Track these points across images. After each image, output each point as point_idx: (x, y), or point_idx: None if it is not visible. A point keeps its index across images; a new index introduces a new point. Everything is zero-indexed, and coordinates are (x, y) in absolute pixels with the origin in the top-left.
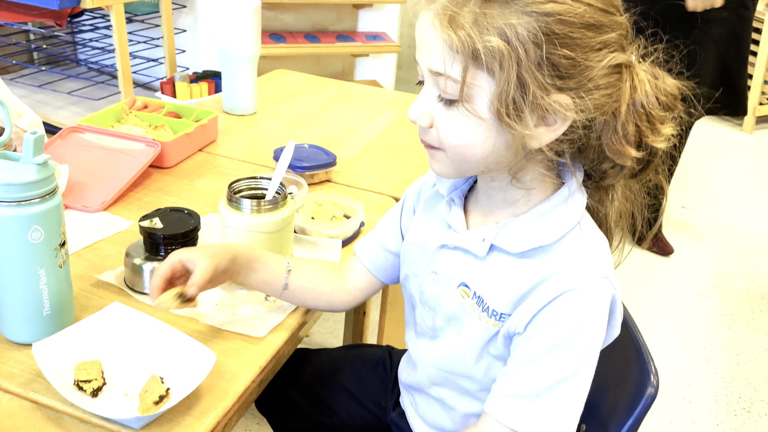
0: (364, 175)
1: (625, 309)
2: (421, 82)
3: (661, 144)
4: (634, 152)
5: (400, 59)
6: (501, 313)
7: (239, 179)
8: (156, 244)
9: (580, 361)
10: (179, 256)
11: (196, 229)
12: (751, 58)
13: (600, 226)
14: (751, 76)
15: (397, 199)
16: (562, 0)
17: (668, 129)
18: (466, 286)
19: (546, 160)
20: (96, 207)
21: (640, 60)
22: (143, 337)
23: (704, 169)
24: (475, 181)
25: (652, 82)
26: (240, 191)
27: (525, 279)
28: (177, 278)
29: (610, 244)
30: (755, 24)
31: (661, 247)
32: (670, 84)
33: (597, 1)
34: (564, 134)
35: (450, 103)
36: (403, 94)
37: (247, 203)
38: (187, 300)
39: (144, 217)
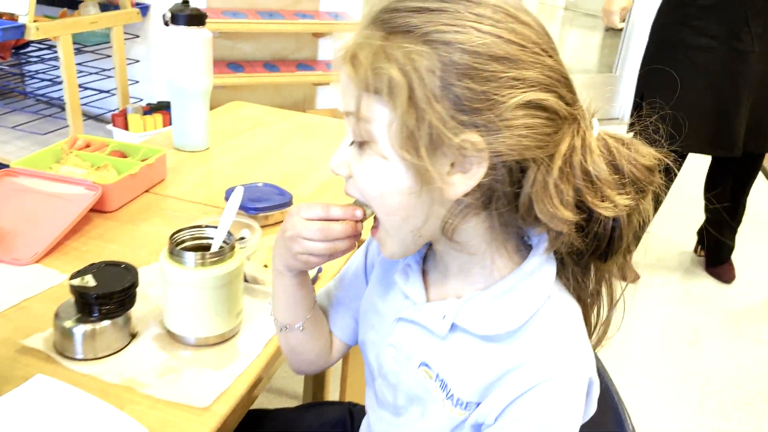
0: None
1: (597, 358)
2: None
3: (607, 211)
4: (569, 214)
5: None
6: (467, 402)
7: (182, 229)
8: (88, 305)
9: None
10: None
11: (134, 285)
12: None
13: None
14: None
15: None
16: (466, 30)
17: (623, 200)
18: (428, 366)
19: (484, 224)
20: (27, 260)
21: (591, 126)
22: (70, 413)
23: (669, 194)
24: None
25: (614, 147)
26: (182, 242)
27: (492, 365)
28: None
29: (587, 318)
30: None
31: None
32: (646, 154)
33: (511, 35)
34: (485, 182)
35: (360, 147)
36: None
37: (190, 256)
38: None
39: (75, 274)
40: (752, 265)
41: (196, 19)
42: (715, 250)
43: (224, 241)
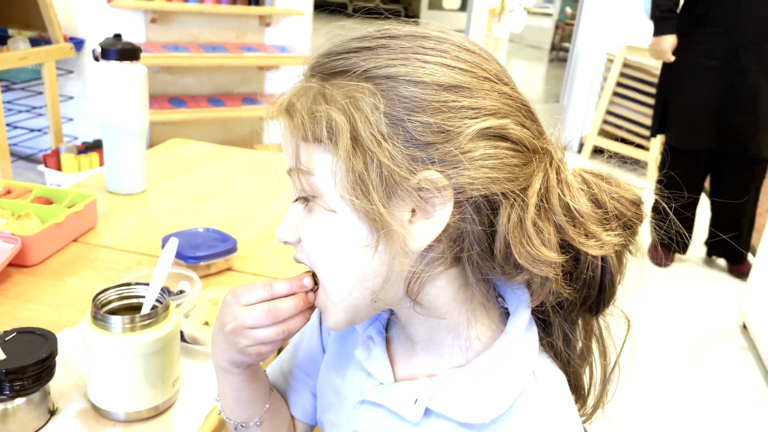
0: (270, 260)
1: None
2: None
3: (594, 250)
4: (553, 255)
5: None
6: None
7: (107, 288)
8: None
9: None
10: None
11: (52, 355)
12: (646, 110)
13: (565, 358)
14: (650, 127)
15: None
16: (410, 63)
17: (611, 238)
18: None
19: (455, 283)
20: None
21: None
22: None
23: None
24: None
25: (593, 182)
26: (108, 303)
27: None
28: None
29: (578, 380)
30: (651, 73)
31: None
32: (626, 188)
33: (459, 63)
34: (453, 229)
35: (307, 205)
36: None
37: (116, 320)
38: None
39: None
40: (712, 294)
41: (130, 53)
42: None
43: (157, 300)
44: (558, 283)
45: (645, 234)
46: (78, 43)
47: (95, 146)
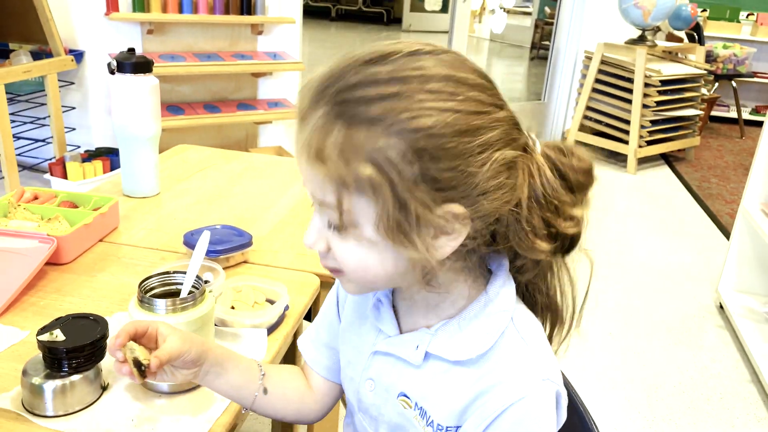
0: (282, 252)
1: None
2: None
3: (572, 229)
4: (545, 245)
5: None
6: (447, 427)
7: (150, 276)
8: (58, 360)
9: None
10: (149, 323)
11: (104, 337)
12: (624, 105)
13: (540, 307)
14: (628, 122)
15: (320, 276)
16: (428, 113)
17: (579, 210)
18: (406, 396)
19: (457, 263)
20: None
21: (535, 142)
22: None
23: (597, 211)
24: None
25: (558, 161)
26: (151, 290)
27: (466, 389)
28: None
29: (557, 318)
30: (627, 69)
31: None
32: (580, 157)
33: (467, 105)
34: (467, 238)
35: (339, 229)
36: None
37: (161, 303)
38: (141, 372)
39: (43, 329)
40: (690, 276)
41: (143, 66)
42: None
43: (193, 286)
44: (548, 261)
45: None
46: (78, 55)
47: (98, 154)
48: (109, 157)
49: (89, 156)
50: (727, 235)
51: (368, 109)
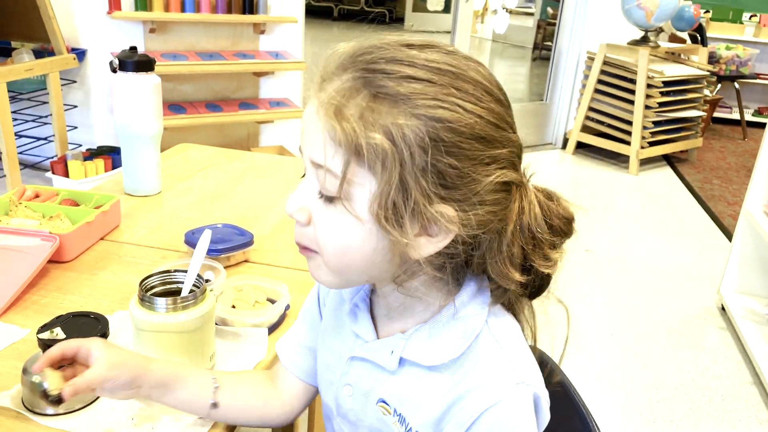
0: (283, 252)
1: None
2: (305, 176)
3: (546, 269)
4: (518, 276)
5: None
6: None
7: (151, 275)
8: None
9: None
10: (80, 344)
11: (104, 336)
12: (627, 106)
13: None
14: (630, 123)
15: None
16: (453, 108)
17: (555, 254)
18: (385, 402)
19: (430, 274)
20: None
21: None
22: None
23: (599, 212)
24: None
25: (544, 204)
26: (152, 288)
27: (442, 396)
28: (64, 362)
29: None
30: (630, 70)
31: None
32: (565, 207)
33: (489, 115)
34: (446, 248)
35: (329, 199)
36: None
37: (161, 302)
38: (54, 401)
39: (43, 327)
40: (691, 277)
41: (145, 65)
42: None
43: (194, 285)
44: (515, 291)
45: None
46: (80, 54)
47: (100, 153)
48: (110, 155)
49: (91, 154)
50: (728, 236)
51: (397, 85)
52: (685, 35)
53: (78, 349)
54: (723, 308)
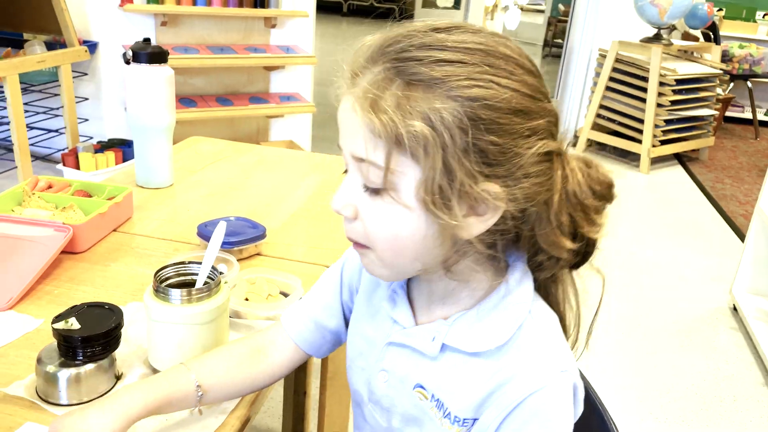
0: (295, 245)
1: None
2: (347, 171)
3: (596, 234)
4: (569, 243)
5: (315, 119)
6: (464, 419)
7: (165, 266)
8: (73, 348)
9: None
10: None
11: (119, 326)
12: (638, 104)
13: (551, 306)
14: (642, 121)
15: None
16: (488, 85)
17: (600, 219)
18: (423, 387)
19: (481, 251)
20: (2, 305)
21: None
22: None
23: (610, 210)
24: None
25: (584, 171)
26: (167, 279)
27: (484, 381)
28: None
29: (563, 324)
30: (642, 68)
31: None
32: (604, 173)
33: (524, 87)
34: (495, 225)
35: (375, 192)
36: (327, 157)
37: (176, 293)
38: None
39: (58, 318)
40: (703, 277)
41: (158, 56)
42: None
43: (209, 277)
44: (568, 260)
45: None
46: (91, 46)
47: (110, 145)
48: (121, 148)
49: (102, 147)
50: (740, 236)
51: (430, 70)
52: (698, 33)
53: None
54: (735, 308)
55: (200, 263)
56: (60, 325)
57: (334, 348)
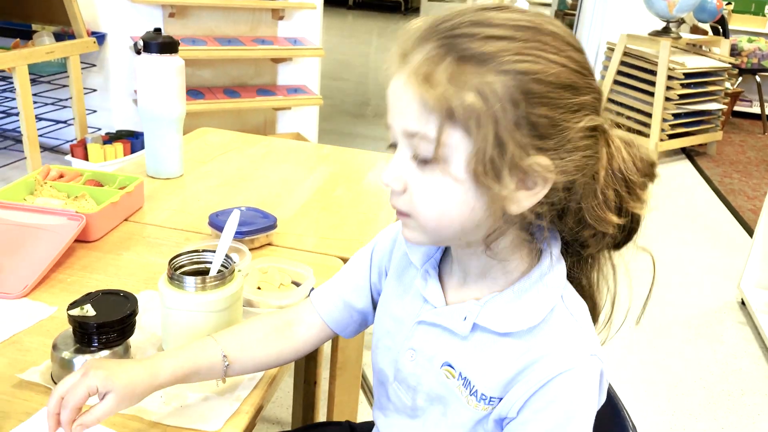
0: (305, 236)
1: None
2: (392, 146)
3: (641, 210)
4: (615, 218)
5: (322, 111)
6: (491, 397)
7: (180, 254)
8: (88, 335)
9: None
10: (97, 383)
11: (134, 313)
12: (646, 97)
13: (582, 295)
14: (650, 115)
15: (344, 259)
16: (538, 60)
17: (647, 195)
18: (451, 366)
19: (522, 228)
20: (18, 292)
21: (614, 127)
22: None
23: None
24: (447, 248)
25: (626, 149)
26: (181, 267)
27: (513, 361)
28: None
29: (595, 311)
30: (650, 61)
31: None
32: (646, 152)
33: (572, 63)
34: (545, 197)
35: (425, 165)
36: (335, 148)
37: (190, 280)
38: None
39: (73, 304)
40: (710, 271)
41: (169, 46)
42: None
43: (223, 265)
44: (613, 236)
45: None
46: (100, 38)
47: (119, 137)
48: (129, 139)
49: (110, 138)
50: (748, 231)
51: (481, 46)
52: (706, 27)
53: (96, 388)
54: (743, 303)
55: (214, 251)
56: (75, 312)
57: (360, 330)
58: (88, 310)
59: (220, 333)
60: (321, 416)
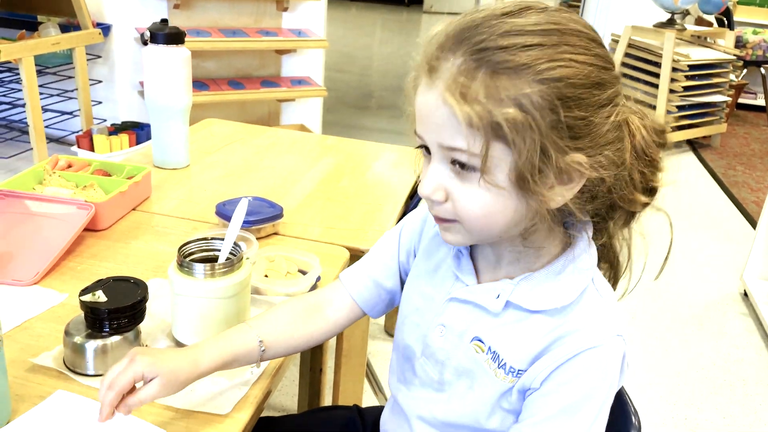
0: (311, 226)
1: None
2: (421, 147)
3: (659, 182)
4: (644, 198)
5: (326, 103)
6: (519, 370)
7: (189, 241)
8: (99, 320)
9: (594, 419)
10: (143, 369)
11: (144, 299)
12: (650, 89)
13: (607, 261)
14: (654, 107)
15: (349, 249)
16: (569, 64)
17: (663, 164)
18: (480, 341)
19: (556, 217)
20: (29, 280)
21: (626, 99)
22: (95, 427)
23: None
24: None
25: (644, 124)
26: (191, 254)
27: (543, 336)
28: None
29: (618, 273)
30: (655, 53)
31: None
32: (655, 119)
33: (598, 60)
34: (576, 196)
35: (464, 173)
36: (339, 139)
37: (199, 267)
38: None
39: (85, 290)
40: (714, 263)
41: (175, 37)
42: None
43: (231, 252)
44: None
45: None
46: (105, 29)
47: (124, 128)
48: (134, 131)
49: (115, 129)
50: (752, 223)
51: (514, 57)
52: (711, 18)
53: (142, 375)
54: (746, 294)
55: (223, 239)
56: (87, 298)
57: (388, 309)
58: (100, 296)
59: (253, 319)
60: (326, 404)
